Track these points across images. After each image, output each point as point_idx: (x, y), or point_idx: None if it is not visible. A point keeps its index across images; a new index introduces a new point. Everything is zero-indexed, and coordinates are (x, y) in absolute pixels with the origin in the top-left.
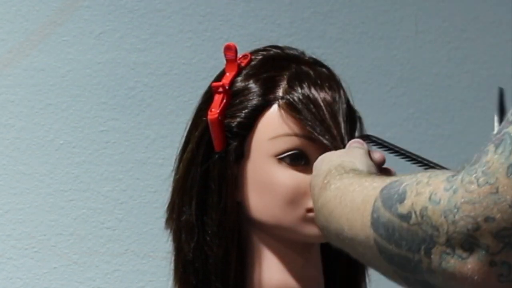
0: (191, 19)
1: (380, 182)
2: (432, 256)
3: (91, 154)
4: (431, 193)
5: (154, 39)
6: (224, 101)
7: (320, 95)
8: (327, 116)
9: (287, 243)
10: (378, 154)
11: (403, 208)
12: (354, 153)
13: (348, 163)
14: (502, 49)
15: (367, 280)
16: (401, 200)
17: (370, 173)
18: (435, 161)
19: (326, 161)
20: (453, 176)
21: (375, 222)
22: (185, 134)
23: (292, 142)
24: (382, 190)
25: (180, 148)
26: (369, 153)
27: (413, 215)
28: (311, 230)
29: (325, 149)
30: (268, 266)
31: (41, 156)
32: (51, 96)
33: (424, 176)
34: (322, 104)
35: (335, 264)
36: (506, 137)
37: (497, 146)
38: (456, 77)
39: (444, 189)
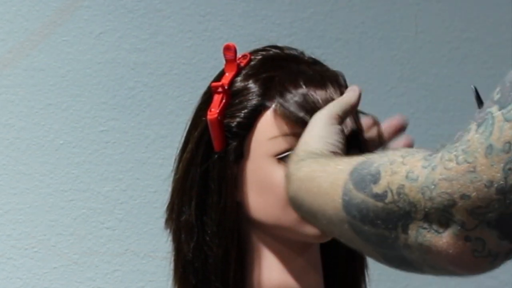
0: (191, 19)
1: (345, 165)
2: (409, 232)
3: (91, 154)
4: (407, 172)
5: (154, 39)
6: (224, 101)
7: (318, 95)
8: None
9: (286, 243)
10: (367, 119)
11: (378, 188)
12: (312, 127)
13: (303, 145)
14: (502, 49)
15: (366, 280)
16: (375, 180)
17: (328, 155)
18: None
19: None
20: (430, 155)
21: (347, 205)
22: (184, 134)
23: (291, 142)
24: (351, 173)
25: (179, 148)
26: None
27: (389, 194)
28: (310, 230)
29: None
30: (268, 266)
31: (41, 156)
32: (51, 96)
33: (396, 155)
34: (320, 103)
35: (334, 264)
36: (488, 116)
37: (479, 125)
38: (456, 77)
39: (422, 166)
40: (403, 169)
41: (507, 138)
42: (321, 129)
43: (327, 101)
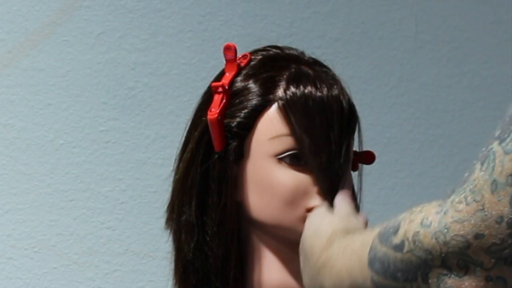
0: (191, 19)
1: (379, 227)
2: (430, 281)
3: (91, 154)
4: (422, 219)
5: (154, 39)
6: (224, 101)
7: (319, 95)
8: (326, 116)
9: (286, 243)
10: (361, 217)
11: (396, 239)
12: (354, 221)
13: (353, 226)
14: (502, 49)
15: None
16: (395, 231)
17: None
18: (435, 160)
19: (328, 224)
20: (444, 200)
21: (372, 260)
22: (184, 134)
23: (291, 142)
24: (380, 230)
25: (180, 148)
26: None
27: (406, 243)
28: None
29: (323, 149)
30: (268, 266)
31: (41, 156)
32: (51, 96)
33: (418, 206)
34: (320, 104)
35: None
36: (490, 153)
37: (482, 163)
38: (456, 77)
39: (436, 212)
40: (419, 216)
41: (509, 171)
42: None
43: (326, 101)
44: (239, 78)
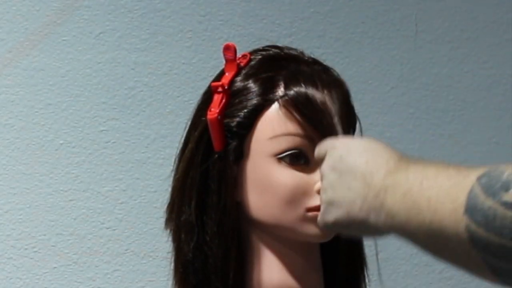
0: (191, 19)
1: (470, 170)
2: None
3: (91, 154)
4: None
5: (154, 39)
6: (224, 100)
7: (318, 95)
8: (325, 115)
9: (286, 243)
10: None
11: (508, 197)
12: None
13: (395, 157)
14: (502, 49)
15: (366, 280)
16: (507, 188)
17: (439, 163)
18: (434, 161)
19: (385, 148)
20: None
21: (471, 209)
22: (184, 134)
23: (291, 141)
24: (479, 179)
25: (180, 148)
26: None
27: None
28: (311, 229)
29: None
30: (268, 266)
31: (41, 156)
32: (51, 96)
33: None
34: (320, 103)
35: (335, 264)
36: None
37: None
38: (456, 77)
39: None
40: None
41: None
42: None
43: (326, 100)
44: (238, 78)
